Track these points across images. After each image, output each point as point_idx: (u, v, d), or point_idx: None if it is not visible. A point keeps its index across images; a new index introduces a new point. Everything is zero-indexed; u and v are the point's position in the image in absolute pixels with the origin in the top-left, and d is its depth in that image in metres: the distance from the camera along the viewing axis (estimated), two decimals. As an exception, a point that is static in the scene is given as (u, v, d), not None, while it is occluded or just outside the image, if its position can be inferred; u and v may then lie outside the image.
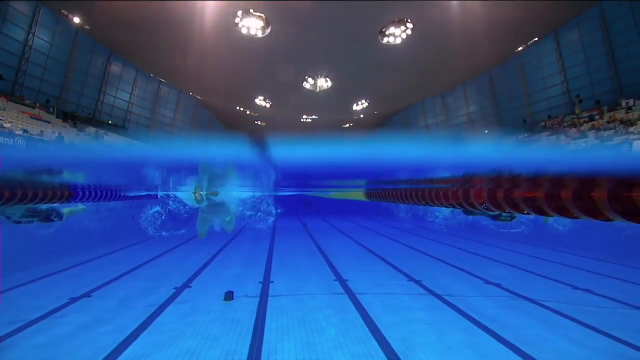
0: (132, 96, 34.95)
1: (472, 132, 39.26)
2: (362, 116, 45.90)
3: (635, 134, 19.48)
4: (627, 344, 5.25)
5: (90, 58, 29.24)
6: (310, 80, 36.30)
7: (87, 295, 7.67)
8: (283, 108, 43.51)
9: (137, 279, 9.17)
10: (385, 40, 27.86)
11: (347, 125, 49.75)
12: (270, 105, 42.67)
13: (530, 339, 5.40)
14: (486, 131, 37.40)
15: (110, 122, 33.64)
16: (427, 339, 5.30)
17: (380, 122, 49.08)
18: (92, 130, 29.76)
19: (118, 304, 7.00)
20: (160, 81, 36.65)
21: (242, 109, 44.64)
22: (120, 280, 8.99)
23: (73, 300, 7.25)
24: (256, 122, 48.72)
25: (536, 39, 27.98)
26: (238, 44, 28.11)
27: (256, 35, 27.00)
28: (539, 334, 5.64)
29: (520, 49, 29.56)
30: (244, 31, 26.53)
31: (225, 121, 48.83)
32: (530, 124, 31.84)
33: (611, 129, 22.17)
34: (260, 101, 41.89)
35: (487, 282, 8.95)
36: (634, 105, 22.83)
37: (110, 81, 32.13)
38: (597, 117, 25.16)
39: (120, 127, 34.67)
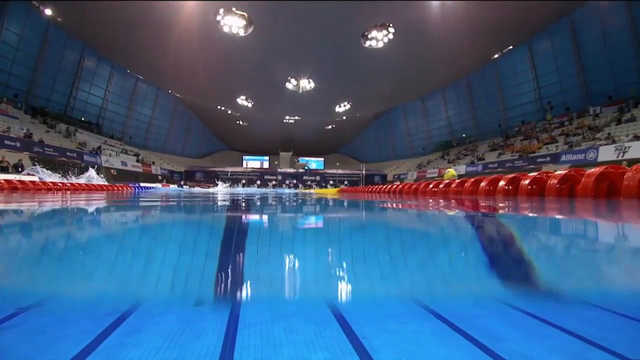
0: (107, 92, 33.68)
1: (450, 135, 40.32)
2: (344, 117, 46.15)
3: (601, 140, 20.53)
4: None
5: (62, 52, 27.95)
6: (293, 81, 36.16)
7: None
8: (265, 108, 43.13)
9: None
10: (368, 43, 28.14)
11: (330, 127, 49.88)
12: (252, 105, 42.18)
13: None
14: (464, 135, 38.51)
15: (82, 118, 32.28)
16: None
17: (362, 124, 49.52)
18: (62, 127, 28.45)
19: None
20: (137, 77, 35.48)
21: (223, 108, 43.88)
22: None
23: None
24: (238, 122, 48.03)
25: (511, 46, 29.03)
26: (219, 42, 27.63)
27: (238, 33, 26.63)
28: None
29: (496, 56, 30.60)
30: (226, 29, 26.10)
31: (206, 120, 47.85)
32: (505, 129, 33.03)
33: (579, 134, 23.30)
34: (242, 100, 41.32)
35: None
36: (601, 112, 24.11)
37: (84, 76, 30.83)
38: (566, 123, 26.40)
39: (93, 124, 33.33)
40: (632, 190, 0.96)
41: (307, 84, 36.61)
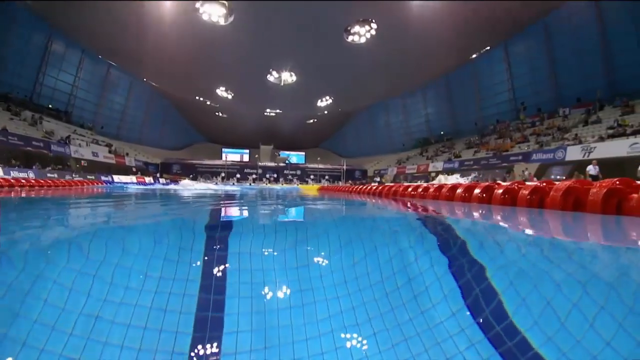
0: (77, 79, 31.91)
1: (429, 132, 41.17)
2: (325, 112, 46.09)
3: (569, 140, 21.54)
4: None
5: (28, 35, 26.11)
6: (274, 73, 35.65)
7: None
8: (245, 100, 42.34)
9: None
10: (350, 38, 28.09)
11: (311, 121, 49.69)
12: (232, 97, 41.29)
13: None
14: (442, 132, 39.41)
15: (50, 105, 30.50)
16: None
17: (344, 119, 49.65)
18: (28, 114, 26.79)
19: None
20: (110, 64, 33.80)
21: (202, 99, 42.69)
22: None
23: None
24: (217, 114, 46.92)
25: (488, 47, 29.80)
26: (198, 30, 26.75)
27: (218, 22, 25.86)
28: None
29: (474, 56, 31.36)
30: (205, 17, 25.28)
31: (184, 110, 46.39)
32: (480, 127, 34.05)
33: (549, 134, 24.36)
34: (221, 92, 40.34)
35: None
36: (569, 113, 25.27)
37: (51, 61, 29.02)
38: (537, 123, 27.51)
39: (62, 112, 31.57)
40: (596, 206, 1.01)
41: (288, 77, 36.20)
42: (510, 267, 1.07)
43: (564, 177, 19.58)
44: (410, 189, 1.99)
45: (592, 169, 15.74)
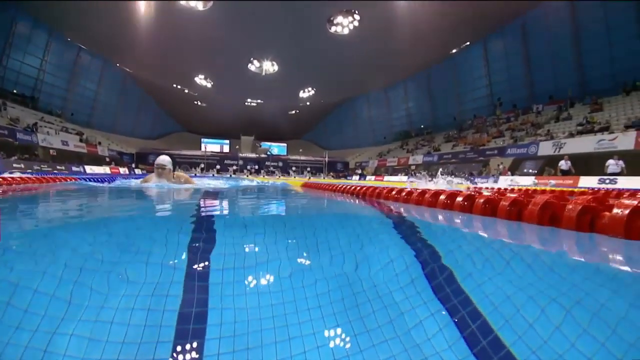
0: (44, 62, 29.96)
1: (410, 126, 41.77)
2: (308, 103, 45.75)
3: (542, 136, 22.44)
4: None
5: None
6: (256, 63, 34.92)
7: None
8: (226, 89, 41.32)
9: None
10: (333, 29, 27.84)
11: (293, 112, 49.22)
12: (212, 85, 40.19)
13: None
14: (422, 126, 40.08)
15: (15, 90, 28.59)
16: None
17: (326, 111, 49.48)
18: (-12, 99, 25.03)
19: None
20: (80, 47, 31.95)
21: (179, 87, 41.29)
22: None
23: None
24: (195, 102, 45.59)
25: (468, 42, 30.35)
26: (175, 15, 25.70)
27: (196, 7, 24.93)
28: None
29: (454, 51, 31.87)
30: (182, 2, 24.31)
31: (160, 98, 44.71)
32: (459, 122, 34.88)
33: (523, 130, 25.27)
34: (200, 80, 39.17)
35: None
36: (542, 110, 26.28)
37: (15, 43, 27.04)
38: (512, 119, 28.47)
39: (28, 97, 29.67)
40: (571, 222, 1.05)
41: (270, 67, 35.58)
42: (483, 274, 1.11)
43: (536, 172, 20.49)
44: (394, 192, 2.02)
45: (563, 164, 16.53)
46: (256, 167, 47.00)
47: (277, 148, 53.65)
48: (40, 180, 4.51)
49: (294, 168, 47.27)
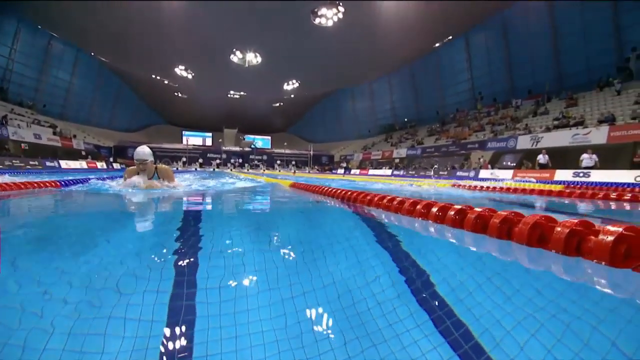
0: (13, 51, 28.30)
1: (394, 119, 42.14)
2: (292, 96, 45.30)
3: (520, 130, 23.12)
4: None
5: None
6: (239, 54, 34.15)
7: None
8: (207, 80, 40.32)
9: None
10: (317, 20, 27.48)
11: (277, 104, 48.66)
12: (193, 77, 39.10)
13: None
14: (406, 119, 40.52)
15: (-21, 80, 26.95)
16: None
17: (310, 103, 49.17)
18: (-49, 89, 23.47)
19: None
20: (51, 35, 30.29)
21: (159, 77, 39.96)
22: None
23: None
24: (176, 94, 44.31)
25: (450, 37, 30.70)
26: (153, 3, 24.70)
27: (176, -5, 24.05)
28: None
29: (437, 45, 32.19)
30: (161, -10, 23.41)
31: (138, 89, 43.19)
32: (441, 115, 35.46)
33: (503, 124, 25.97)
34: (180, 71, 38.01)
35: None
36: (521, 104, 27.04)
37: (-21, 29, 25.42)
38: (492, 113, 29.18)
39: (-6, 88, 28.05)
40: (559, 244, 1.10)
41: (253, 58, 34.89)
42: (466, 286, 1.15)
43: (515, 165, 21.17)
44: (385, 200, 2.04)
45: (541, 158, 17.12)
46: (240, 160, 46.39)
47: (261, 141, 53.06)
48: (18, 186, 4.19)
49: (278, 162, 46.97)
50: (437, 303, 1.08)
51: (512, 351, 0.85)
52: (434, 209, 1.88)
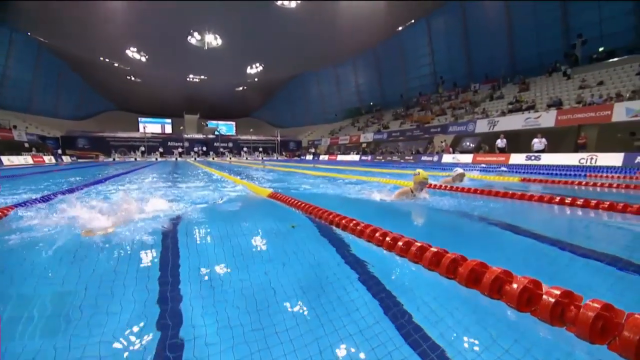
0: None
1: (360, 102, 42.40)
2: (256, 79, 43.83)
3: (478, 114, 24.33)
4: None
5: None
6: (197, 35, 32.16)
7: None
8: (163, 63, 37.75)
9: None
10: (280, 2, 26.49)
11: (241, 88, 46.90)
12: (147, 59, 36.37)
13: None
14: (371, 103, 40.95)
15: None
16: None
17: (275, 87, 47.93)
18: None
19: None
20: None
21: (107, 60, 36.69)
22: None
23: None
24: (128, 77, 41.08)
25: (412, 20, 31.02)
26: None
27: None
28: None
29: (400, 28, 32.44)
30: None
31: (85, 73, 39.36)
32: (405, 99, 36.26)
33: (463, 108, 27.14)
34: (132, 53, 35.16)
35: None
36: (479, 89, 28.32)
37: None
38: (453, 97, 30.32)
39: None
40: (545, 309, 1.25)
41: (213, 40, 33.07)
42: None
43: (473, 147, 22.41)
44: (378, 234, 2.06)
45: (500, 142, 18.24)
46: (204, 148, 44.65)
47: (225, 127, 51.17)
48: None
49: (245, 149, 45.79)
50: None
51: None
52: (428, 253, 2.01)
